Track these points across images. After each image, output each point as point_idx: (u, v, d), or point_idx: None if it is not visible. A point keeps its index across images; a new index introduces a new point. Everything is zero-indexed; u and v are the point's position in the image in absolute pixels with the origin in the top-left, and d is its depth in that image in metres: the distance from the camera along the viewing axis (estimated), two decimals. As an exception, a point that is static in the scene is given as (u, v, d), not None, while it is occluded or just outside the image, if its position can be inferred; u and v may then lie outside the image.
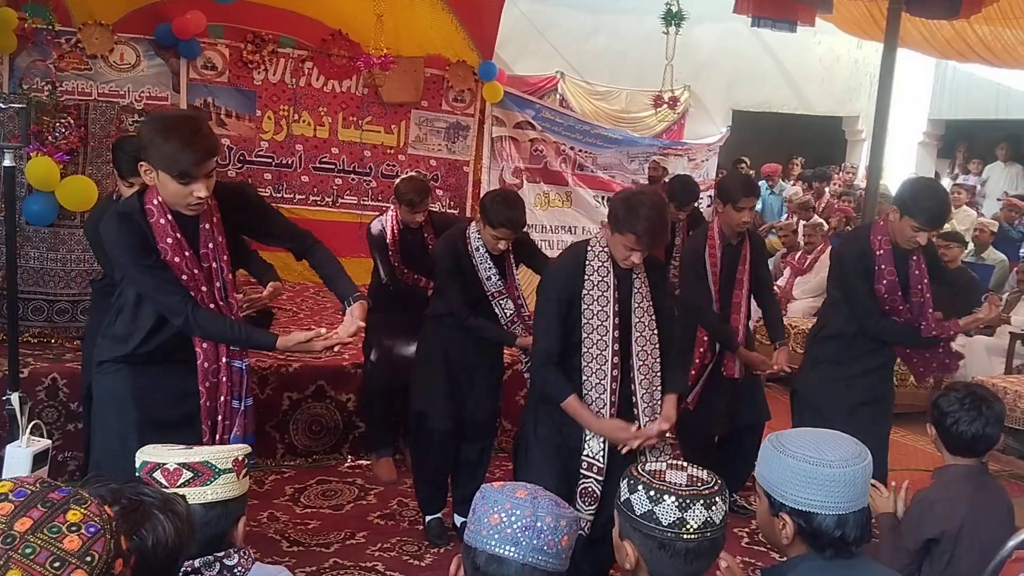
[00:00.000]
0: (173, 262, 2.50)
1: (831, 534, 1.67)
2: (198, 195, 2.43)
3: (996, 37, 7.59)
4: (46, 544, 0.99)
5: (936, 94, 12.22)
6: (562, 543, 1.49)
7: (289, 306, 6.42)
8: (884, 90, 5.55)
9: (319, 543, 3.81)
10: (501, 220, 3.57)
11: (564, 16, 10.20)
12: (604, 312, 2.95)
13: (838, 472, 1.65)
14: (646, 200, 2.90)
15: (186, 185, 2.40)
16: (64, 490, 1.06)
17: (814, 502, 1.66)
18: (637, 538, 1.59)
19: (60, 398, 4.19)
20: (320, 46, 7.26)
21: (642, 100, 10.21)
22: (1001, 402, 2.65)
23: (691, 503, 1.55)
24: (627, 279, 3.01)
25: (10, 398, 2.48)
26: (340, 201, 7.53)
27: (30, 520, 1.01)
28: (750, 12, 6.91)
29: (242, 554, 1.69)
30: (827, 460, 1.66)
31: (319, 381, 4.74)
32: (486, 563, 1.49)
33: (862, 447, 1.73)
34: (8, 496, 1.03)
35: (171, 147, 2.36)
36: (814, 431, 1.81)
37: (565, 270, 3.04)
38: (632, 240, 2.87)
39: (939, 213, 3.45)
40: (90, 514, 1.04)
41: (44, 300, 4.66)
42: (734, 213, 4.08)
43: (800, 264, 7.45)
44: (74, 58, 6.33)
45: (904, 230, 3.42)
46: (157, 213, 2.49)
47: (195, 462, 1.67)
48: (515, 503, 1.50)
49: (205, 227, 2.57)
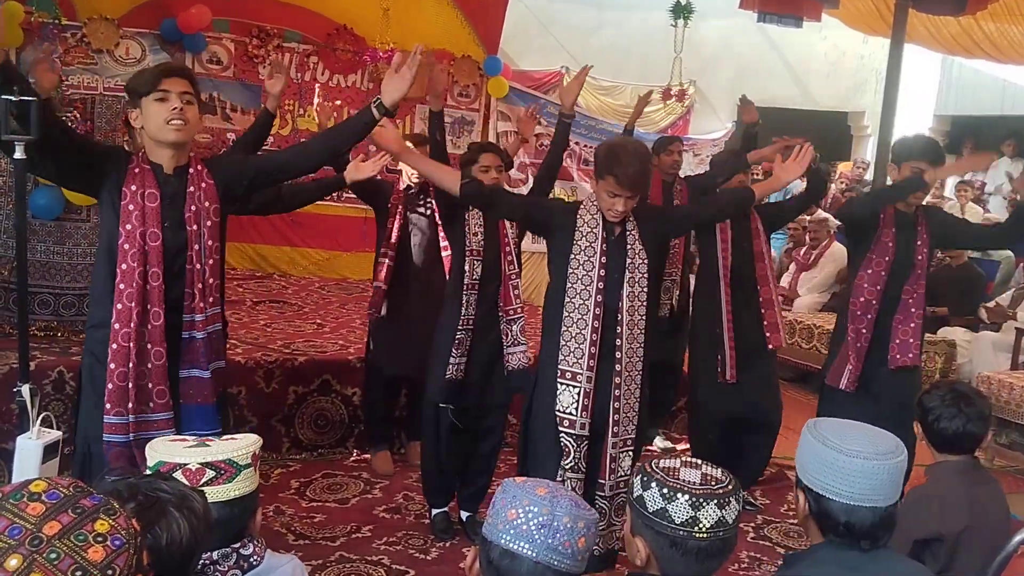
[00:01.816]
0: (127, 208, 2.52)
1: (837, 520, 1.68)
2: (173, 106, 2.51)
3: (1002, 33, 7.57)
4: (71, 552, 0.99)
5: (942, 90, 12.18)
6: (578, 544, 1.48)
7: (294, 301, 6.43)
8: (891, 86, 5.54)
9: (325, 536, 3.81)
10: (477, 147, 3.76)
11: (569, 11, 10.18)
12: (590, 263, 3.06)
13: (855, 462, 1.66)
14: (627, 144, 3.04)
15: (164, 101, 2.52)
16: (96, 498, 1.05)
17: (828, 486, 1.68)
18: (649, 535, 1.59)
19: (66, 391, 4.20)
20: (325, 41, 7.27)
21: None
22: (985, 399, 2.66)
23: (704, 502, 1.55)
24: (620, 246, 3.10)
25: (21, 390, 2.48)
26: (345, 196, 7.51)
27: (59, 524, 1.00)
28: (756, 7, 6.90)
29: (256, 543, 1.70)
30: (846, 448, 1.67)
31: (324, 375, 4.75)
32: (500, 557, 1.49)
33: (898, 446, 1.71)
34: (41, 497, 1.03)
35: (146, 73, 2.59)
36: (855, 423, 1.81)
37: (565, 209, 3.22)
38: (612, 183, 2.97)
39: (932, 148, 3.64)
40: (117, 526, 1.04)
41: (50, 294, 4.67)
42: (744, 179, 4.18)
43: (805, 260, 7.43)
44: (80, 52, 6.35)
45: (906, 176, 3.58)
46: (137, 162, 2.59)
47: (218, 461, 1.66)
48: (533, 500, 1.50)
49: (191, 190, 2.61)
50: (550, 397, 3.11)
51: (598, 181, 3.04)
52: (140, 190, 2.53)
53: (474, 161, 3.67)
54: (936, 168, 3.59)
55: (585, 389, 3.06)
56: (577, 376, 3.06)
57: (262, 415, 4.58)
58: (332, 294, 6.84)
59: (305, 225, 7.20)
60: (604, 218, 3.09)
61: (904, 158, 3.61)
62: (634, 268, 3.11)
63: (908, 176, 3.58)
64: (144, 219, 2.53)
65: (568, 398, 3.06)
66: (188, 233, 2.59)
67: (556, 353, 3.08)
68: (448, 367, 3.70)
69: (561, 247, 3.12)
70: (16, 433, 2.52)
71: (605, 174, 2.98)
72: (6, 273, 4.57)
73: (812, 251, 7.42)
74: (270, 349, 4.82)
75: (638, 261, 3.12)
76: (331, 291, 6.94)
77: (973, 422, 2.52)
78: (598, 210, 3.10)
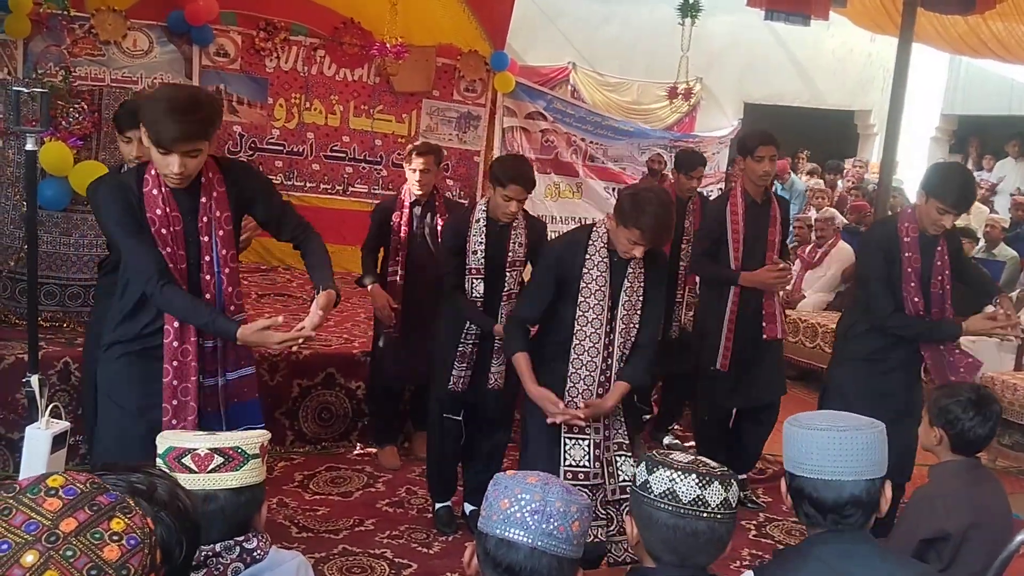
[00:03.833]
0: (160, 233, 2.50)
1: (809, 497, 1.74)
2: (172, 169, 2.40)
3: (1010, 33, 7.55)
4: (87, 550, 0.99)
5: (949, 89, 12.16)
6: (572, 528, 1.49)
7: (299, 294, 6.44)
8: (899, 85, 5.52)
9: (328, 530, 3.83)
10: (511, 176, 3.54)
11: (576, 6, 10.17)
12: (601, 293, 3.06)
13: (815, 434, 1.73)
14: (653, 198, 2.96)
15: (164, 156, 2.40)
16: (112, 495, 1.05)
17: (798, 463, 1.76)
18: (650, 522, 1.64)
19: (72, 382, 4.22)
20: (332, 34, 7.27)
21: (653, 92, 10.19)
22: (997, 399, 2.71)
23: (710, 481, 1.62)
24: (621, 268, 3.09)
25: (30, 380, 2.50)
26: (351, 190, 7.55)
27: (75, 522, 1.00)
28: (763, 5, 6.87)
29: (260, 538, 1.70)
30: (813, 424, 1.75)
31: (329, 368, 4.76)
32: (495, 547, 1.50)
33: (868, 421, 1.78)
34: (59, 492, 1.02)
35: (157, 114, 2.35)
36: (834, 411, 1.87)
37: (566, 250, 3.15)
38: (636, 236, 2.94)
39: (964, 194, 3.44)
40: (133, 525, 1.04)
41: (56, 284, 4.68)
42: (754, 164, 4.08)
43: (811, 258, 7.41)
44: (87, 44, 6.36)
45: (930, 213, 3.41)
46: (152, 183, 2.51)
47: (226, 447, 1.67)
48: (524, 488, 1.51)
49: (203, 200, 2.56)
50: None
51: (619, 226, 2.98)
52: (164, 214, 2.50)
53: (501, 184, 3.56)
54: (958, 216, 3.51)
55: (594, 440, 3.08)
56: (585, 430, 3.07)
57: (266, 408, 4.51)
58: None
59: (310, 219, 7.08)
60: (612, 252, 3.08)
61: (933, 193, 3.39)
62: (631, 292, 3.11)
63: (948, 326, 3.52)
64: (176, 240, 2.52)
65: (579, 452, 3.06)
66: (201, 245, 2.58)
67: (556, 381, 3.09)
68: (451, 379, 3.74)
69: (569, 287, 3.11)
70: (24, 423, 2.53)
71: (630, 225, 2.93)
72: (13, 263, 4.58)
73: (818, 249, 7.39)
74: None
75: (636, 286, 3.12)
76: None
77: (996, 424, 2.58)
78: (607, 244, 3.08)
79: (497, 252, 3.69)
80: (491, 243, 3.68)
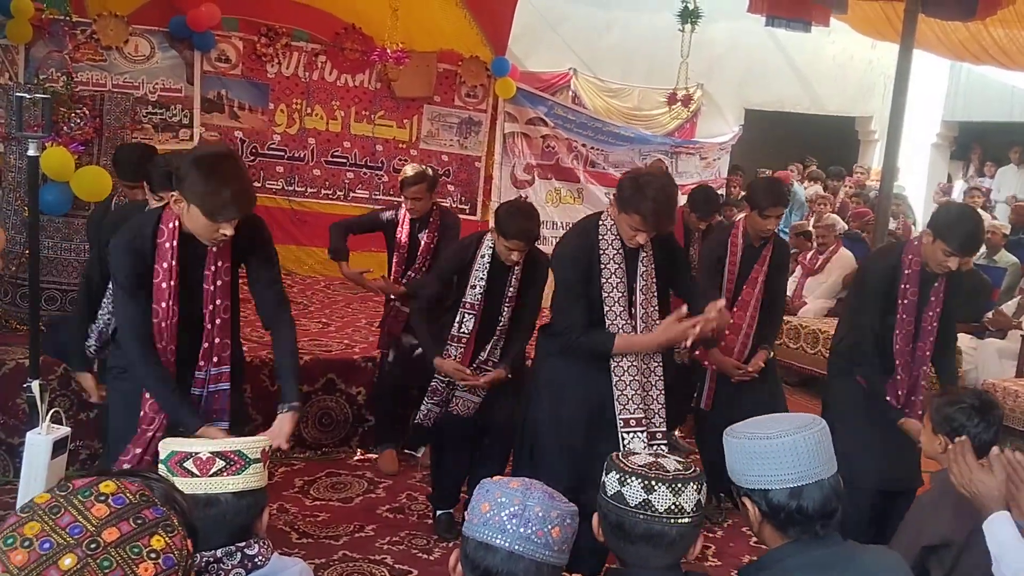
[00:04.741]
0: (159, 286, 2.53)
1: (788, 509, 1.66)
2: (224, 233, 2.45)
3: (1011, 40, 7.55)
4: (123, 563, 0.99)
5: (950, 96, 12.17)
6: (552, 534, 1.48)
7: (300, 299, 6.44)
8: (900, 91, 5.53)
9: (328, 535, 3.82)
10: (514, 232, 3.52)
11: (577, 12, 10.18)
12: (622, 283, 3.04)
13: (778, 443, 1.65)
14: (654, 181, 2.93)
15: (214, 222, 2.42)
16: (159, 510, 1.05)
17: (763, 478, 1.67)
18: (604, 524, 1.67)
19: (72, 387, 4.20)
20: (333, 40, 7.29)
21: (654, 98, 10.19)
22: (999, 403, 2.70)
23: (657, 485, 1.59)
24: (633, 255, 3.07)
25: (31, 385, 2.49)
26: (351, 195, 7.56)
27: (117, 532, 1.01)
28: (764, 11, 6.88)
29: (262, 544, 1.69)
30: (767, 433, 1.67)
31: (329, 374, 4.75)
32: (475, 550, 1.50)
33: (812, 419, 1.72)
34: (108, 499, 1.03)
35: (209, 190, 2.37)
36: (764, 416, 1.81)
37: (579, 249, 3.10)
38: (638, 221, 2.91)
39: (971, 239, 3.38)
40: (172, 545, 1.04)
41: (57, 290, 4.68)
42: (759, 220, 4.05)
43: (812, 264, 7.40)
44: (89, 49, 6.37)
45: (936, 253, 3.36)
46: (167, 236, 2.53)
47: (228, 451, 1.67)
48: (505, 492, 1.51)
49: (213, 250, 2.58)
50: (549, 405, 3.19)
51: (620, 212, 2.96)
52: (169, 268, 2.53)
53: (504, 235, 3.53)
54: (963, 259, 3.43)
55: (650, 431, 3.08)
56: (642, 420, 3.06)
57: (267, 413, 4.55)
58: (338, 293, 6.85)
59: (311, 224, 7.22)
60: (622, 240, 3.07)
61: (940, 235, 3.32)
62: (647, 277, 3.10)
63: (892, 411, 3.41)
64: (171, 295, 2.55)
65: (638, 444, 3.04)
66: (204, 293, 2.60)
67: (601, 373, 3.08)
68: (421, 412, 3.80)
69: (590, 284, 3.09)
70: (24, 428, 2.53)
71: (630, 211, 2.91)
72: (14, 268, 4.58)
73: (819, 256, 7.38)
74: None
75: (649, 272, 3.11)
76: (336, 290, 6.94)
77: (998, 429, 2.56)
78: (616, 235, 3.07)
79: (497, 286, 3.68)
80: (492, 278, 3.67)
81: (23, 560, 0.97)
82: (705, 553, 3.86)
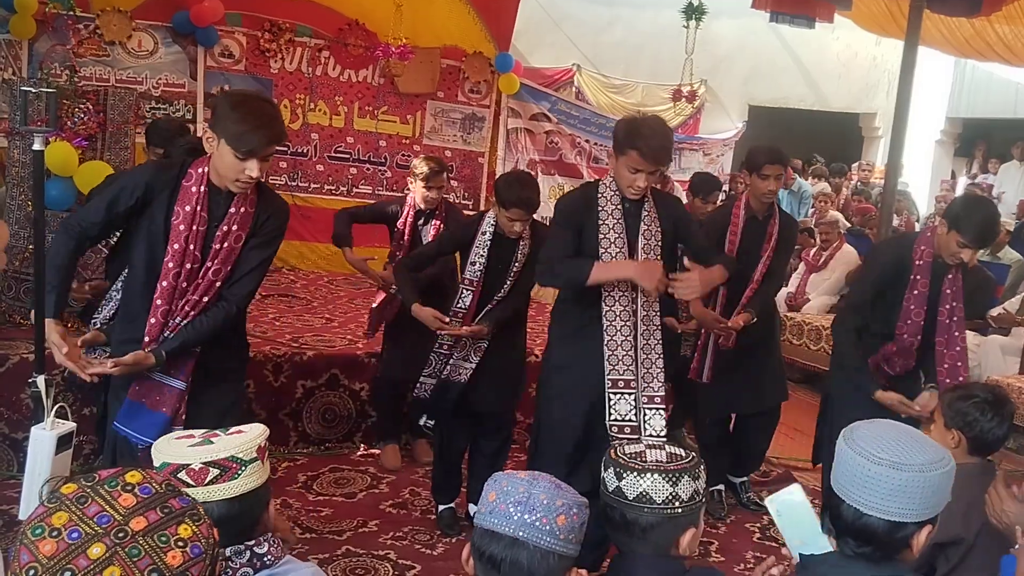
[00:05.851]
0: (178, 228, 2.55)
1: (848, 523, 1.60)
2: (250, 173, 2.49)
3: (1016, 36, 7.53)
4: (151, 551, 1.00)
5: (954, 92, 12.15)
6: (557, 522, 1.48)
7: (303, 294, 6.44)
8: (904, 88, 5.51)
9: (331, 531, 3.82)
10: (513, 200, 3.53)
11: (580, 8, 10.18)
12: (621, 239, 3.08)
13: (870, 467, 1.56)
14: (647, 120, 3.03)
15: (243, 161, 2.47)
16: (185, 500, 1.06)
17: (842, 488, 1.61)
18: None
19: (76, 382, 4.21)
20: (337, 35, 7.28)
21: (658, 94, 10.19)
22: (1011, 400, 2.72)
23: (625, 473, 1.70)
24: (635, 211, 3.11)
25: (36, 380, 2.50)
26: (355, 190, 7.55)
27: (145, 521, 1.01)
28: (768, 7, 6.88)
29: (272, 542, 1.65)
30: (867, 452, 1.57)
31: (333, 370, 4.75)
32: (480, 538, 1.51)
33: (934, 459, 1.59)
34: (135, 489, 1.03)
35: (241, 124, 2.45)
36: (896, 430, 1.67)
37: (577, 200, 3.19)
38: (635, 158, 2.95)
39: (986, 230, 3.33)
40: (199, 534, 1.04)
41: (61, 285, 4.68)
42: (759, 182, 4.00)
43: (815, 261, 7.39)
44: (93, 44, 6.37)
45: (949, 244, 3.32)
46: (195, 179, 2.57)
47: (221, 459, 1.60)
48: (512, 481, 1.53)
49: (232, 210, 2.60)
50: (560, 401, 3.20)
51: (618, 157, 3.01)
52: (192, 211, 2.55)
53: (504, 206, 3.55)
54: (977, 251, 3.39)
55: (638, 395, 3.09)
56: (631, 383, 3.08)
57: (270, 409, 4.59)
58: (341, 288, 6.85)
59: (314, 219, 7.21)
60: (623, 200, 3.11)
61: (955, 225, 3.28)
62: (650, 235, 3.12)
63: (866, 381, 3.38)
64: (190, 240, 2.55)
65: (625, 406, 3.07)
66: (210, 251, 2.60)
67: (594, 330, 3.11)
68: (417, 386, 3.79)
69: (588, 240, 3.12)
70: (29, 423, 2.53)
71: (627, 148, 2.95)
72: (18, 264, 4.58)
73: (822, 252, 7.37)
74: (279, 343, 4.83)
75: (653, 229, 3.13)
76: (340, 286, 6.95)
77: (1010, 424, 2.58)
78: (618, 193, 3.10)
79: (500, 263, 3.69)
80: (495, 254, 3.68)
81: (52, 550, 0.97)
82: (708, 549, 3.86)
